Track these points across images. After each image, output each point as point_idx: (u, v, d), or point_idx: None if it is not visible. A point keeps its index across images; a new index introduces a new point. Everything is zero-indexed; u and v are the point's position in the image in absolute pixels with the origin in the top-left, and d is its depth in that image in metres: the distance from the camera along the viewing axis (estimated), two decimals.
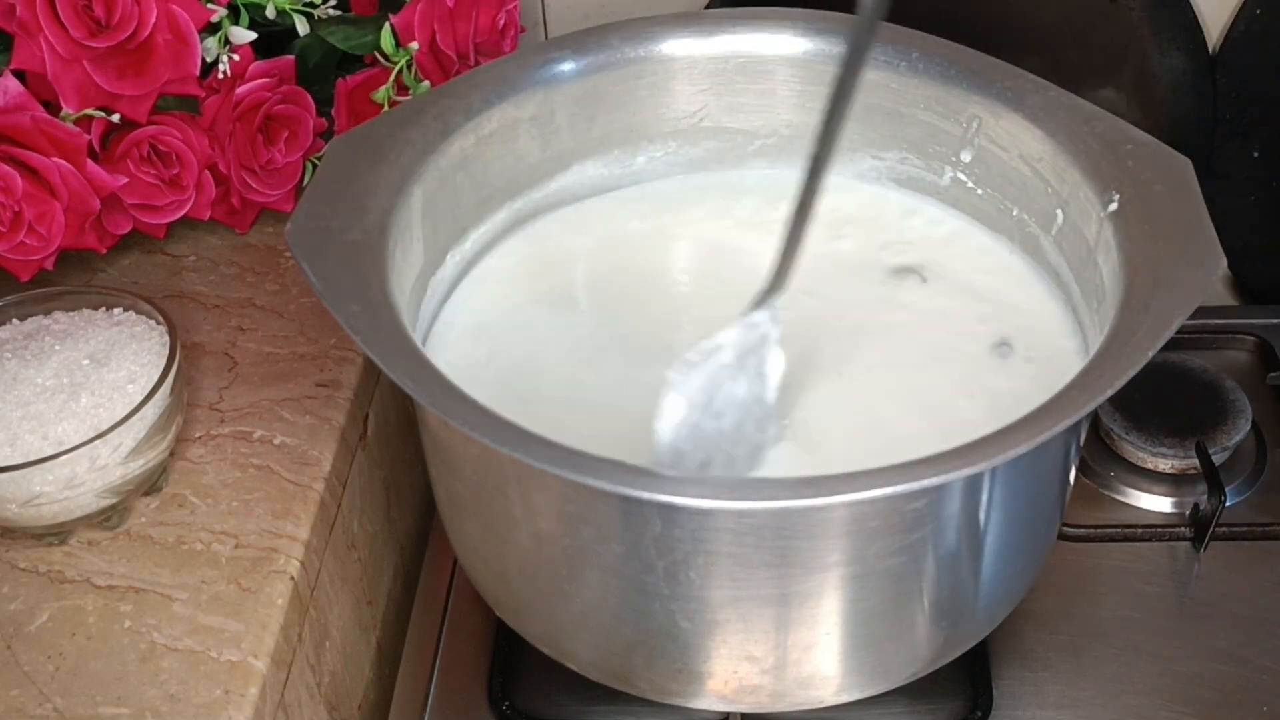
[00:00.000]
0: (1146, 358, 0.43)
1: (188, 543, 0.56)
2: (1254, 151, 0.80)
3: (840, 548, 0.46)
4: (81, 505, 0.55)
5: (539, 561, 0.51)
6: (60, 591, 0.54)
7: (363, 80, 0.71)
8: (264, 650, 0.53)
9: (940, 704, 0.60)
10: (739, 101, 0.63)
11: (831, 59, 0.60)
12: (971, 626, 0.54)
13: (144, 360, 0.57)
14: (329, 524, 0.60)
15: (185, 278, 0.71)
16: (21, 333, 0.59)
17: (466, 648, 0.64)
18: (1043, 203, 0.57)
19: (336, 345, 0.66)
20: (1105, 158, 0.53)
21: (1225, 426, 0.70)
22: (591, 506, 0.46)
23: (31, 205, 0.62)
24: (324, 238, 0.49)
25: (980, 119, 0.58)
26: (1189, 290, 0.46)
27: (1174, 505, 0.69)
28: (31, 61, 0.62)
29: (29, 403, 0.55)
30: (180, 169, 0.68)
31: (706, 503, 0.42)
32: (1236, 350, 0.78)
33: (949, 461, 0.41)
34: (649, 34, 0.61)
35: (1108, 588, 0.65)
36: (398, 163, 0.54)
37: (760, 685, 0.51)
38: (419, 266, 0.56)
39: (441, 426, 0.51)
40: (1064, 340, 0.56)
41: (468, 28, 0.71)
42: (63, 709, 0.50)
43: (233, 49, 0.68)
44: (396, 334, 0.46)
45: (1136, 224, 0.50)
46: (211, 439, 0.61)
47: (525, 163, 0.62)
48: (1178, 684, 0.60)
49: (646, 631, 0.49)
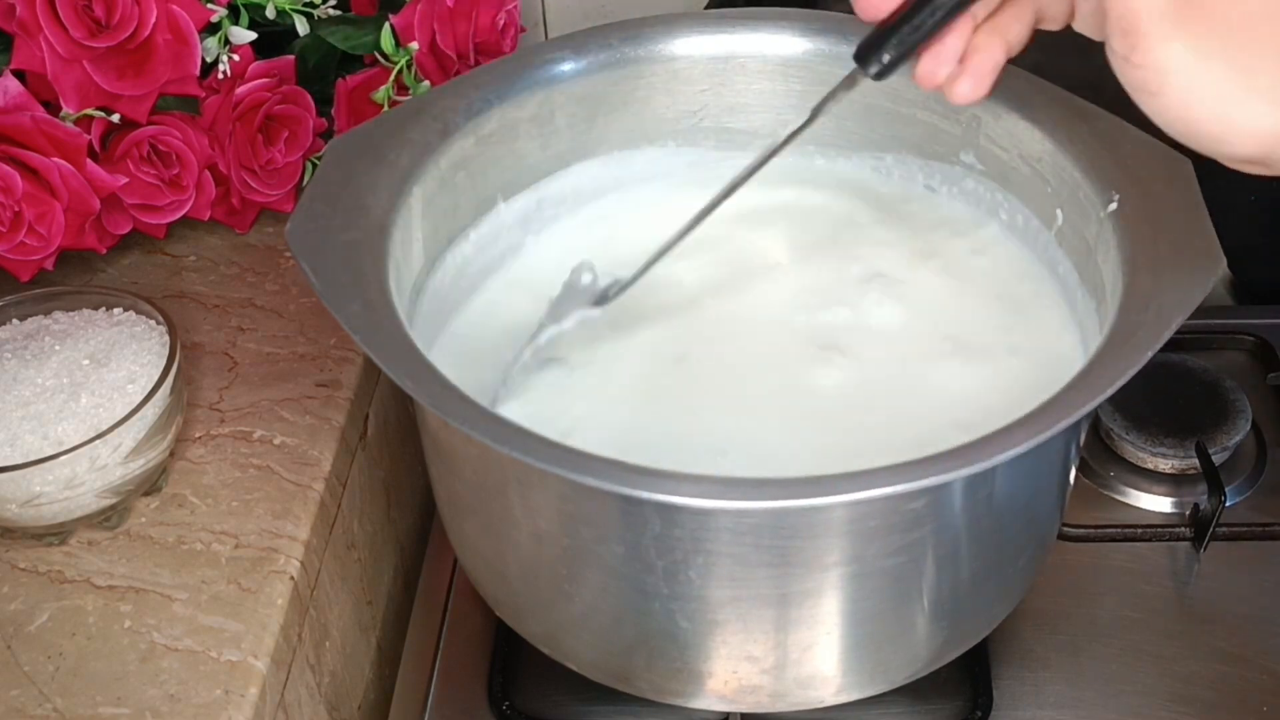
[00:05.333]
0: (1146, 358, 0.43)
1: (188, 543, 0.56)
2: None
3: (840, 547, 0.46)
4: (81, 505, 0.55)
5: (539, 561, 0.51)
6: (60, 591, 0.54)
7: (363, 80, 0.71)
8: (264, 650, 0.53)
9: (940, 704, 0.60)
10: (739, 101, 0.63)
11: (831, 59, 0.60)
12: (971, 626, 0.54)
13: (144, 360, 0.57)
14: (329, 524, 0.60)
15: (185, 278, 0.71)
16: (21, 333, 0.59)
17: (466, 648, 0.64)
18: (1042, 202, 0.57)
19: (336, 345, 0.66)
20: (1105, 158, 0.53)
21: (1225, 426, 0.69)
22: (591, 506, 0.46)
23: (31, 205, 0.62)
24: (324, 238, 0.49)
25: (980, 119, 0.58)
26: (1189, 290, 0.46)
27: (1174, 505, 0.69)
28: (31, 61, 0.62)
29: (29, 403, 0.55)
30: (180, 169, 0.68)
31: (706, 502, 0.42)
32: (1236, 350, 0.78)
33: (949, 461, 0.41)
34: (649, 34, 0.61)
35: (1108, 588, 0.65)
36: (398, 163, 0.54)
37: (760, 685, 0.51)
38: (419, 266, 0.56)
39: (441, 426, 0.51)
40: (1064, 340, 0.56)
41: (468, 28, 0.71)
42: (63, 709, 0.50)
43: (233, 49, 0.68)
44: (396, 334, 0.46)
45: (1136, 224, 0.50)
46: (211, 439, 0.61)
47: (525, 163, 0.61)
48: (1178, 684, 0.60)
49: (646, 631, 0.49)
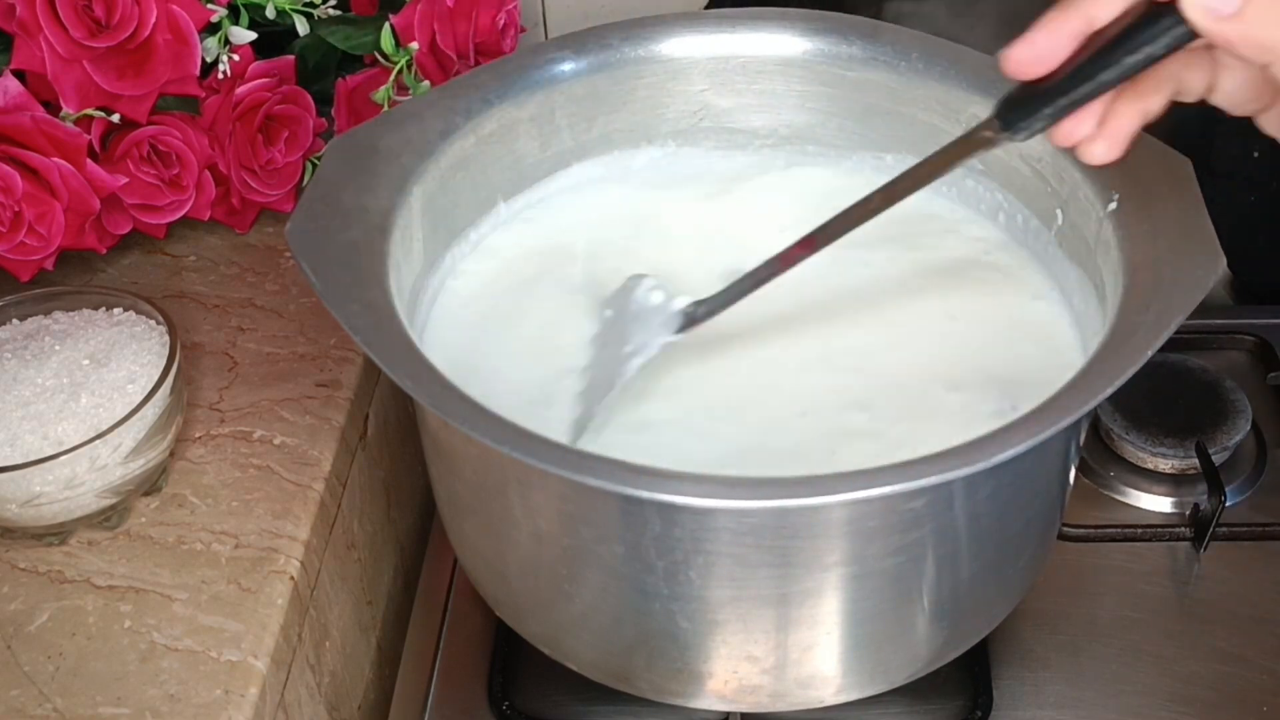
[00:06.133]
0: (1146, 357, 0.43)
1: (188, 543, 0.56)
2: (1254, 151, 0.80)
3: (840, 547, 0.46)
4: (81, 505, 0.55)
5: (539, 561, 0.51)
6: (60, 591, 0.54)
7: (363, 80, 0.71)
8: (264, 650, 0.53)
9: (940, 704, 0.60)
10: (739, 101, 0.63)
11: (831, 59, 0.60)
12: (971, 626, 0.54)
13: (144, 360, 0.57)
14: (329, 524, 0.60)
15: (185, 278, 0.71)
16: (21, 333, 0.59)
17: (466, 648, 0.64)
18: (1043, 202, 0.57)
19: (336, 345, 0.66)
20: None
21: (1225, 426, 0.69)
22: (591, 506, 0.46)
23: (31, 205, 0.62)
24: (324, 238, 0.49)
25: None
26: (1189, 290, 0.46)
27: (1174, 505, 0.69)
28: (31, 61, 0.62)
29: (29, 403, 0.55)
30: (180, 169, 0.68)
31: (706, 502, 0.42)
32: (1236, 350, 0.78)
33: (948, 461, 0.41)
34: (649, 34, 0.61)
35: (1108, 588, 0.65)
36: (398, 163, 0.54)
37: (760, 685, 0.51)
38: (419, 266, 0.56)
39: (441, 426, 0.51)
40: (1064, 339, 0.56)
41: (468, 28, 0.71)
42: (63, 709, 0.50)
43: (233, 49, 0.68)
44: (396, 334, 0.46)
45: (1136, 224, 0.50)
46: (211, 439, 0.61)
47: (525, 163, 0.62)
48: (1178, 684, 0.60)
49: (646, 631, 0.49)
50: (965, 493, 0.46)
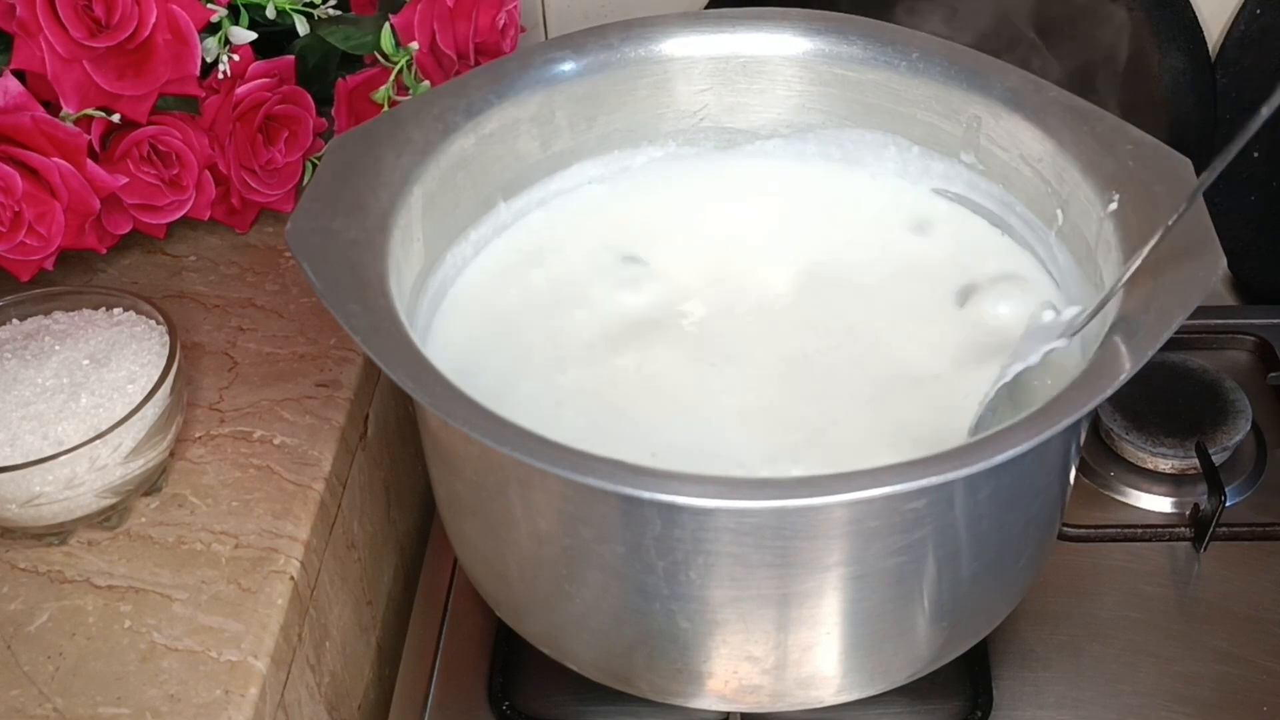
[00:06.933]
0: (1146, 357, 0.43)
1: (188, 543, 0.56)
2: (1254, 151, 0.80)
3: (840, 547, 0.46)
4: (81, 505, 0.55)
5: (539, 561, 0.51)
6: (60, 591, 0.54)
7: (363, 80, 0.71)
8: (264, 650, 0.53)
9: (940, 704, 0.60)
10: (739, 101, 0.63)
11: (832, 59, 0.60)
12: (971, 626, 0.54)
13: (144, 360, 0.57)
14: (329, 524, 0.60)
15: (185, 278, 0.71)
16: (21, 333, 0.59)
17: (466, 648, 0.64)
18: (1043, 203, 0.57)
19: (336, 345, 0.66)
20: (1105, 158, 0.53)
21: (1225, 426, 0.70)
22: (591, 506, 0.46)
23: (31, 205, 0.62)
24: (324, 238, 0.49)
25: (980, 119, 0.58)
26: (1189, 290, 0.46)
27: (1174, 505, 0.69)
28: (31, 61, 0.62)
29: (29, 403, 0.55)
30: (180, 169, 0.68)
31: (706, 502, 0.42)
32: (1236, 350, 0.78)
33: (948, 461, 0.41)
34: (649, 34, 0.61)
35: (1108, 588, 0.65)
36: (398, 163, 0.54)
37: (760, 685, 0.51)
38: (419, 266, 0.56)
39: (441, 426, 0.51)
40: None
41: (468, 28, 0.71)
42: (63, 709, 0.50)
43: (233, 49, 0.68)
44: (396, 334, 0.46)
45: (1136, 224, 0.50)
46: (211, 439, 0.61)
47: (525, 162, 0.62)
48: (1178, 684, 0.60)
49: (646, 631, 0.49)
50: (966, 493, 0.46)
